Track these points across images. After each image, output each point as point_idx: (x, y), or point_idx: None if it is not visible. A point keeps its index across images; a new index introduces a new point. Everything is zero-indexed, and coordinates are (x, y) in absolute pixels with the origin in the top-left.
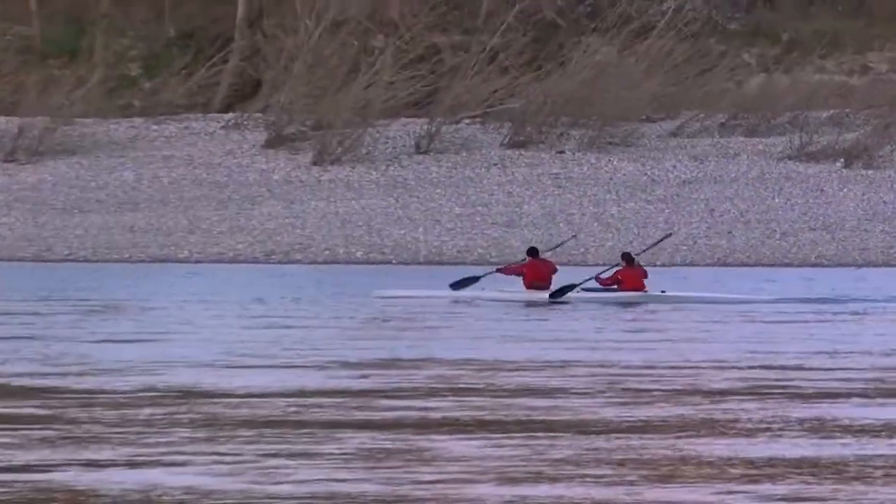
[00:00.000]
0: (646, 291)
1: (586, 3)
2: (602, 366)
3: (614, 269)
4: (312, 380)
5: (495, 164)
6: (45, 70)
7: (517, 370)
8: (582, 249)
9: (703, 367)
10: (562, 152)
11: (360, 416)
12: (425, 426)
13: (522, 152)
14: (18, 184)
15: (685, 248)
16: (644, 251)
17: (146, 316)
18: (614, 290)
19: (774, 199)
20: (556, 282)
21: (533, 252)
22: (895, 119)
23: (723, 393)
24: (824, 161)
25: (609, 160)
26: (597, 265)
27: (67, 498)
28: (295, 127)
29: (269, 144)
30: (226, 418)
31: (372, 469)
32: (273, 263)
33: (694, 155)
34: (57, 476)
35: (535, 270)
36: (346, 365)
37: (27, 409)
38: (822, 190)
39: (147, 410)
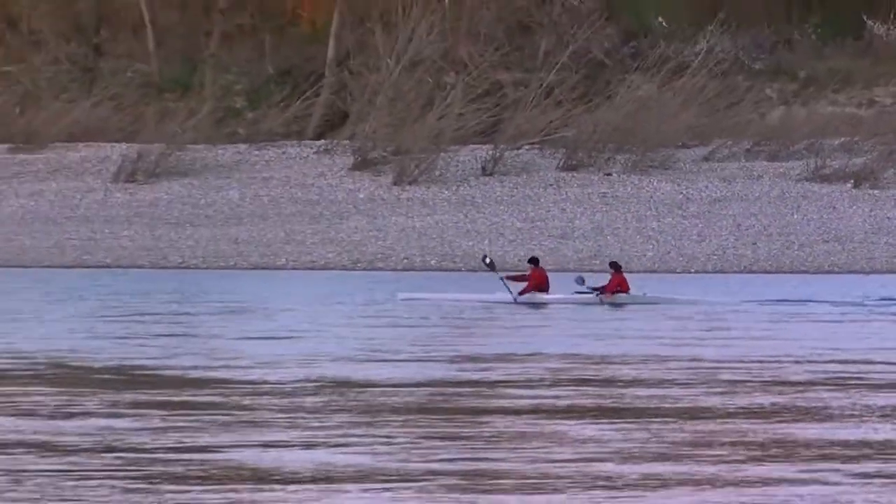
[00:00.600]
0: (630, 293)
1: (630, 45)
2: (694, 360)
3: (612, 271)
4: (445, 371)
5: (551, 185)
6: (161, 103)
7: (621, 363)
8: (626, 259)
9: (784, 362)
10: (609, 174)
11: (496, 403)
12: (555, 412)
13: (574, 174)
14: (138, 201)
15: (716, 257)
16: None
17: (278, 317)
18: (600, 294)
19: (793, 215)
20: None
21: (534, 261)
22: None
23: (806, 383)
24: (836, 182)
25: (649, 181)
26: (638, 272)
27: (251, 475)
28: (377, 152)
29: (355, 167)
30: (379, 405)
31: (514, 450)
32: (358, 270)
33: (723, 177)
34: (237, 455)
35: (538, 277)
36: (470, 359)
37: (205, 398)
38: (833, 207)
39: (309, 399)
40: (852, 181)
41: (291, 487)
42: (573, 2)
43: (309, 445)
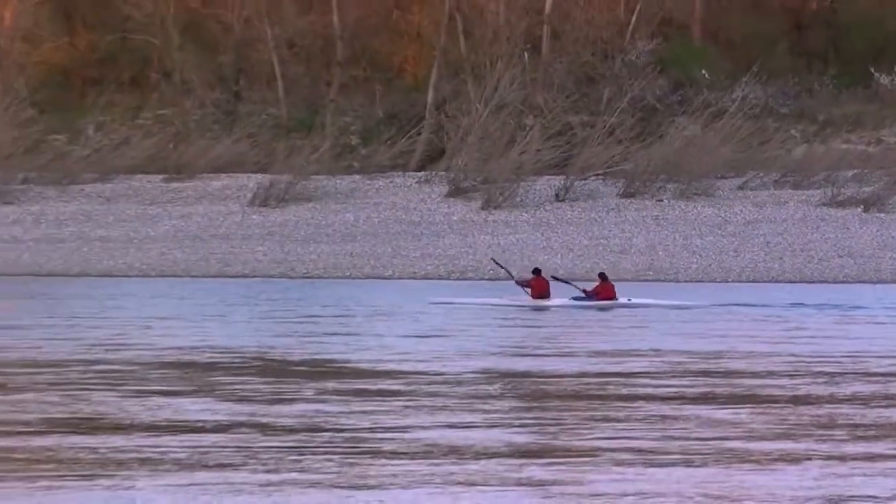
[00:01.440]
0: (617, 299)
1: (678, 93)
2: (791, 355)
3: (594, 285)
4: (586, 365)
5: (612, 209)
6: (289, 141)
7: (731, 358)
8: (674, 270)
9: (866, 357)
10: (660, 200)
11: (643, 391)
12: (689, 398)
13: (632, 200)
14: (270, 222)
15: (749, 269)
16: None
17: (420, 318)
18: (593, 299)
19: (812, 235)
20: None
21: (537, 271)
22: None
23: (889, 374)
24: (849, 207)
25: (694, 206)
26: (686, 281)
27: (447, 451)
28: (468, 182)
29: (450, 194)
30: (543, 392)
31: (664, 430)
32: (452, 280)
33: (755, 202)
34: (430, 434)
35: (539, 285)
36: (601, 353)
37: (393, 386)
38: (847, 228)
39: (483, 387)
40: (862, 206)
41: (482, 461)
42: (631, 57)
43: (491, 425)
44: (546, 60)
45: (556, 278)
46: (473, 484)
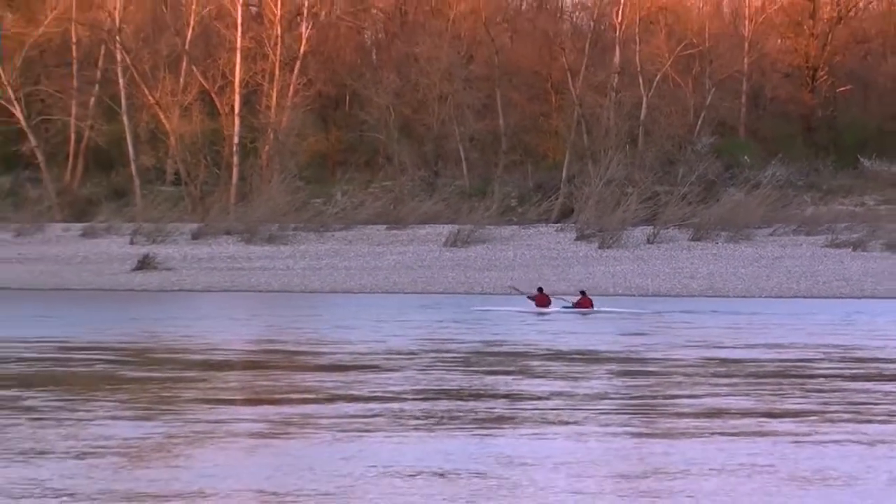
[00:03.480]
0: (592, 308)
1: (729, 171)
2: (864, 350)
3: (577, 297)
4: (764, 353)
5: (685, 249)
6: (470, 202)
7: (858, 349)
8: (726, 289)
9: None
10: (717, 243)
11: (819, 371)
12: (857, 378)
13: (698, 243)
14: (457, 257)
15: (776, 289)
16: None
17: (620, 322)
18: (574, 309)
19: (818, 266)
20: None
21: (540, 290)
22: (877, 227)
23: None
24: (843, 248)
25: (739, 247)
26: (734, 297)
27: (711, 413)
28: (590, 230)
29: (577, 238)
30: (750, 373)
31: (854, 403)
32: (690, 297)
33: (780, 244)
34: (702, 402)
35: (542, 299)
36: (763, 346)
37: (651, 368)
38: (842, 262)
39: (711, 369)
40: (852, 247)
41: (744, 420)
42: (697, 147)
43: (714, 395)
44: (640, 150)
45: (540, 291)
46: (735, 434)
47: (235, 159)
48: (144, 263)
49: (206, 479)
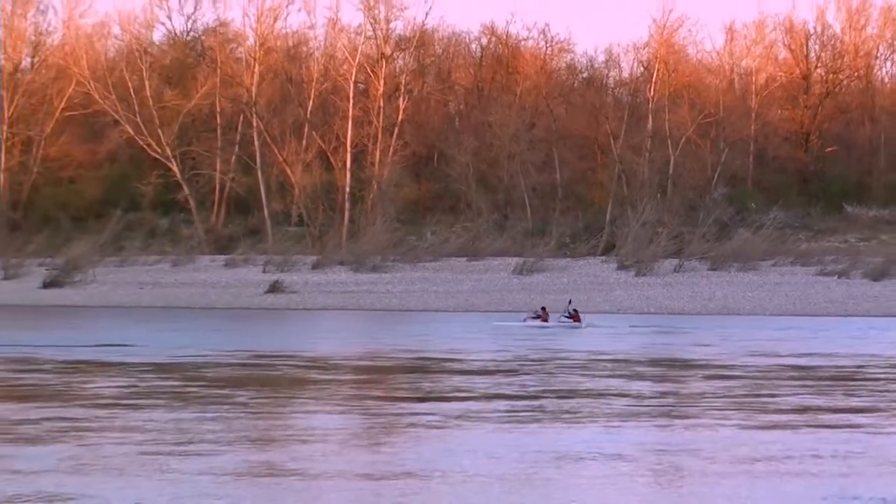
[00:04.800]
0: (582, 323)
1: (739, 215)
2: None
3: (570, 313)
4: (826, 361)
5: (704, 277)
6: (533, 239)
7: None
8: (737, 308)
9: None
10: (729, 272)
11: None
12: (879, 379)
13: (715, 272)
14: (522, 283)
15: (777, 308)
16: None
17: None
18: (567, 321)
19: (811, 290)
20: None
21: (543, 308)
22: (858, 260)
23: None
24: (830, 276)
25: (747, 275)
26: (741, 315)
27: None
28: (629, 262)
29: (618, 268)
30: (830, 376)
31: (871, 394)
32: (620, 314)
33: (780, 273)
34: (793, 401)
35: (544, 317)
36: (818, 355)
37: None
38: (829, 287)
39: (799, 372)
40: (838, 275)
41: (794, 417)
42: (714, 196)
43: (796, 395)
44: (669, 198)
45: (543, 310)
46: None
47: (346, 205)
48: (274, 287)
49: (413, 462)
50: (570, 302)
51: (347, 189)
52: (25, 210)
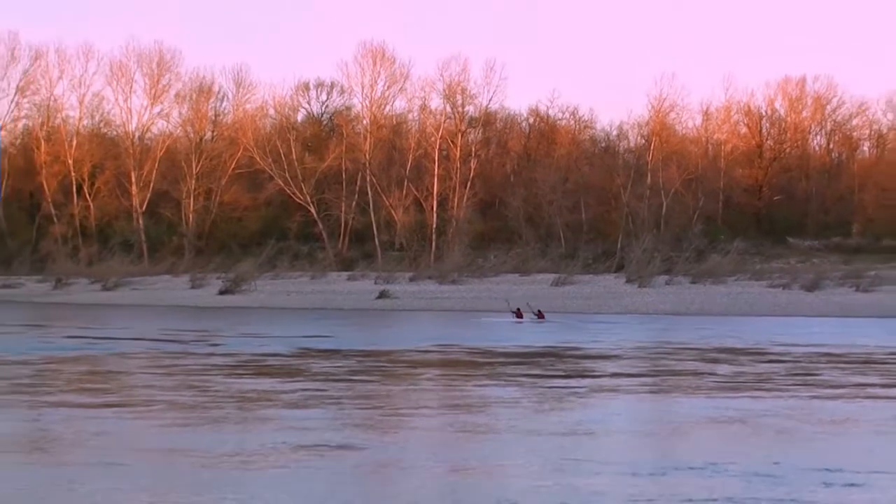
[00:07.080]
0: (545, 320)
1: (712, 244)
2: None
3: (537, 311)
4: (848, 349)
5: (687, 287)
6: (566, 262)
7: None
8: (709, 309)
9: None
10: (704, 285)
11: None
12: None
13: (694, 284)
14: (559, 292)
15: (741, 310)
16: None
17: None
18: (537, 319)
19: (764, 298)
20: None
21: (518, 309)
22: (797, 276)
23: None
24: (777, 287)
25: (718, 287)
26: (713, 315)
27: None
28: (633, 277)
29: (627, 281)
30: (863, 362)
31: None
32: (627, 314)
33: (741, 286)
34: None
35: (519, 315)
36: (840, 347)
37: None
38: (776, 296)
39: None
40: (782, 287)
41: (849, 390)
42: (694, 231)
43: (839, 375)
44: (662, 233)
45: (518, 310)
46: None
47: (433, 237)
48: (382, 295)
49: (586, 423)
50: (528, 304)
51: (434, 225)
52: (207, 240)
